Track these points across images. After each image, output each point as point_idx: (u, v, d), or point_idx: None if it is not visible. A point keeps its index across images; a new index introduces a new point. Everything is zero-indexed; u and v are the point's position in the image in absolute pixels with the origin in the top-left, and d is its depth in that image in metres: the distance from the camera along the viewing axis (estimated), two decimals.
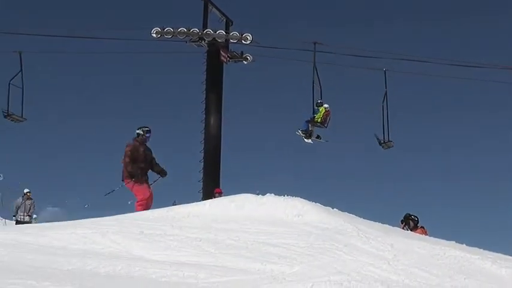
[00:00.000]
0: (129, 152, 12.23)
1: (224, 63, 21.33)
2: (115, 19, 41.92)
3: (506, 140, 38.77)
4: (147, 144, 12.55)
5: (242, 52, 21.90)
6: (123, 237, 7.76)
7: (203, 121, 21.36)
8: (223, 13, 21.79)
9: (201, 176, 20.94)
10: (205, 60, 21.50)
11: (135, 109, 43.08)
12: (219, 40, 21.19)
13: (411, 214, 15.27)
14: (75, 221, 9.05)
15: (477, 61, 22.89)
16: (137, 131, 12.54)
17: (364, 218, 9.31)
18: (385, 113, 21.44)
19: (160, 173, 12.53)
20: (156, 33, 21.17)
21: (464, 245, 8.44)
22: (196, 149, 21.37)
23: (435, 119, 39.98)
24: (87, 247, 7.46)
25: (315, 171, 38.92)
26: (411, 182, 40.97)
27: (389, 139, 21.44)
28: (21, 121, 22.18)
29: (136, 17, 41.89)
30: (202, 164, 21.11)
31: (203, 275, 6.21)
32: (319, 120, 20.89)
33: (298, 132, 21.30)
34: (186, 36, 21.24)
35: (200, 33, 21.11)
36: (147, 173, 12.43)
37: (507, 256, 8.33)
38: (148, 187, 12.31)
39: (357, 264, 6.80)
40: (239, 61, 21.95)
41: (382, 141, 21.42)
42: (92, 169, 40.28)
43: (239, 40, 21.26)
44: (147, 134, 12.52)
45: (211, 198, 13.23)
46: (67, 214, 21.71)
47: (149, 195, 12.18)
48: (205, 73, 21.44)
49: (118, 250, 7.36)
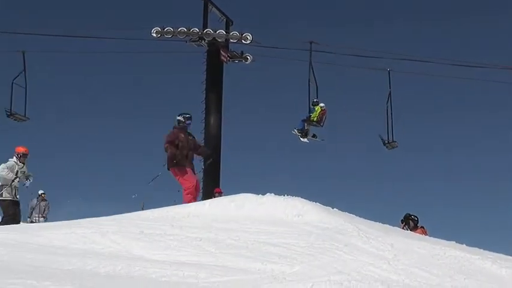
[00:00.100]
0: (168, 138, 12.00)
1: (224, 63, 21.31)
2: (115, 19, 41.84)
3: (506, 140, 38.72)
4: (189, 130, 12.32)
5: (242, 52, 21.88)
6: (123, 237, 7.76)
7: (203, 121, 21.34)
8: (223, 13, 21.79)
9: (201, 176, 20.93)
10: (205, 60, 21.48)
11: (135, 109, 43.07)
12: (219, 40, 21.17)
13: (411, 214, 15.28)
14: (74, 221, 9.05)
15: (478, 61, 22.85)
16: (178, 118, 12.36)
17: (364, 218, 9.32)
18: (389, 114, 21.36)
19: (204, 155, 12.33)
20: (156, 33, 21.15)
21: (464, 245, 8.44)
22: None
23: (436, 119, 39.92)
24: (87, 247, 7.46)
25: (315, 171, 38.88)
26: (411, 182, 40.92)
27: (393, 139, 21.37)
28: (24, 120, 22.14)
29: (136, 17, 41.84)
30: (202, 164, 21.09)
31: (203, 275, 6.21)
32: (315, 119, 20.84)
33: (294, 131, 21.27)
34: (186, 36, 21.22)
35: (200, 33, 21.09)
36: (192, 160, 12.20)
37: (507, 256, 8.33)
38: (192, 174, 12.03)
39: (357, 264, 6.80)
40: (239, 61, 21.93)
41: (386, 141, 21.37)
42: (93, 169, 40.23)
43: (239, 40, 21.23)
44: (188, 121, 12.36)
45: (211, 198, 13.21)
46: (68, 214, 21.75)
47: (195, 182, 11.91)
48: (205, 73, 21.41)
49: (118, 250, 7.36)
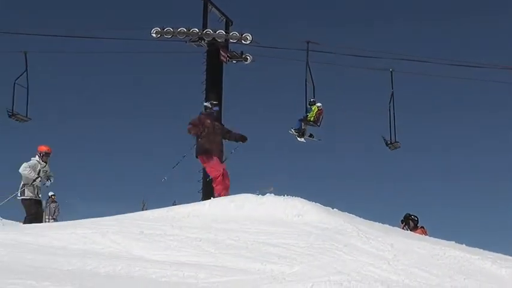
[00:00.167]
0: (192, 122, 11.64)
1: (224, 63, 21.29)
2: (115, 19, 41.86)
3: (506, 140, 38.74)
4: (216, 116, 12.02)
5: (242, 52, 21.85)
6: (123, 237, 7.76)
7: None
8: (223, 13, 21.78)
9: (201, 176, 20.92)
10: (205, 60, 21.46)
11: (135, 109, 43.10)
12: (219, 40, 21.15)
13: (411, 214, 15.26)
14: (75, 221, 9.06)
15: (477, 61, 22.80)
16: (205, 104, 12.20)
17: (364, 218, 9.31)
18: (392, 114, 21.32)
19: (240, 140, 12.01)
20: (156, 33, 21.13)
21: (464, 245, 8.44)
22: None
23: (435, 119, 39.92)
24: (87, 247, 7.46)
25: (315, 171, 38.86)
26: (411, 182, 40.93)
27: (396, 140, 21.34)
28: (25, 121, 22.10)
29: (136, 17, 41.83)
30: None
31: (203, 275, 6.21)
32: (312, 119, 20.82)
33: (291, 131, 21.24)
34: (186, 36, 21.20)
35: (200, 33, 21.08)
36: (221, 147, 11.90)
37: (507, 256, 8.33)
38: (219, 162, 11.66)
39: (357, 264, 6.80)
40: (239, 61, 21.92)
41: (389, 142, 21.34)
42: (92, 169, 40.24)
43: (239, 40, 21.21)
44: (215, 108, 12.08)
45: (211, 198, 13.20)
46: (67, 213, 21.74)
47: (222, 171, 11.52)
48: (205, 73, 21.39)
49: (118, 250, 7.36)
